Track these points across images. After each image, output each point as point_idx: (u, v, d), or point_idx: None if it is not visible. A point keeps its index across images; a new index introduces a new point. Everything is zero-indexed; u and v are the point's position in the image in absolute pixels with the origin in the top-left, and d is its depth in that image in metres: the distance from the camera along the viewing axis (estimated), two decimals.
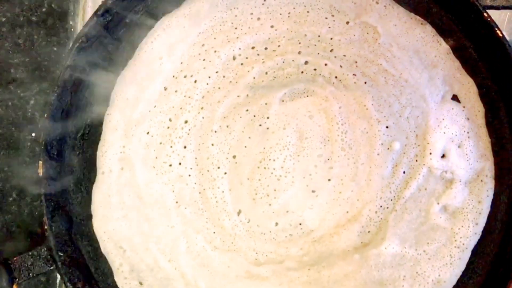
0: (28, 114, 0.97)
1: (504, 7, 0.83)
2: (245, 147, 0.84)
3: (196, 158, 0.84)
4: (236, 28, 0.86)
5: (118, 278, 0.85)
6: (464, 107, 0.84)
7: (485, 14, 0.80)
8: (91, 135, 0.87)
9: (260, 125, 0.84)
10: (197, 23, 0.87)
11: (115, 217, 0.85)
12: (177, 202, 0.84)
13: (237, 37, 0.86)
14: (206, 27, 0.87)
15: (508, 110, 0.84)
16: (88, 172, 0.87)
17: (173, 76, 0.86)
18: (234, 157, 0.84)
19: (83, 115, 0.87)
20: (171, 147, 0.85)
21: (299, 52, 0.85)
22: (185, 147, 0.85)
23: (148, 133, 0.85)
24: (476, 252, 0.83)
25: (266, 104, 0.84)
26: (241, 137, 0.84)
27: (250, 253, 0.83)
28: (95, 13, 0.83)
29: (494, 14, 0.81)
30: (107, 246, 0.85)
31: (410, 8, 0.87)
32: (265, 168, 0.83)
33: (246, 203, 0.84)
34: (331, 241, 0.82)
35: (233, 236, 0.83)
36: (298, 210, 0.83)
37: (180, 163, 0.85)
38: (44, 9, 0.98)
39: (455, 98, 0.84)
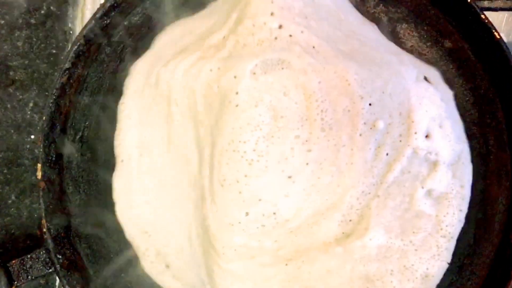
0: (27, 117, 0.97)
1: (502, 9, 0.85)
2: (219, 127, 0.78)
3: (196, 139, 0.81)
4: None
5: (145, 263, 0.85)
6: (436, 88, 0.82)
7: (482, 16, 0.80)
8: (90, 137, 0.88)
9: (230, 101, 0.76)
10: (209, 19, 0.86)
11: (137, 203, 0.84)
12: (189, 187, 0.83)
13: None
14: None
15: (506, 112, 0.84)
16: (86, 174, 0.88)
17: (167, 61, 0.84)
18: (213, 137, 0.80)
19: (82, 118, 0.87)
20: (176, 130, 0.83)
21: (272, 14, 0.78)
22: (183, 131, 0.83)
23: (159, 118, 0.84)
24: (474, 253, 0.84)
25: (235, 77, 0.76)
26: (218, 116, 0.78)
27: (218, 247, 0.78)
28: (93, 16, 0.83)
29: (491, 15, 0.81)
30: (132, 232, 0.85)
31: (408, 11, 0.87)
32: (234, 151, 0.76)
33: (215, 190, 0.78)
34: (310, 232, 0.77)
35: (206, 227, 0.79)
36: (272, 198, 0.76)
37: (185, 146, 0.82)
38: (43, 12, 0.99)
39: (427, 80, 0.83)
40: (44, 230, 0.81)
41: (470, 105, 0.86)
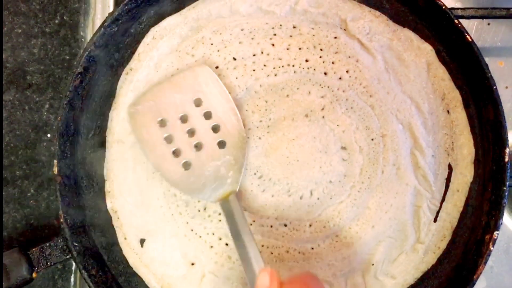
0: (44, 117, 0.96)
1: (473, 17, 0.84)
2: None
3: None
4: None
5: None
6: None
7: (456, 21, 0.80)
8: (101, 135, 0.87)
9: None
10: None
11: None
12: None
13: None
14: None
15: (477, 107, 0.83)
16: (100, 169, 0.86)
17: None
18: None
19: (93, 117, 0.87)
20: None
21: None
22: None
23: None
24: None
25: None
26: None
27: None
28: (102, 25, 0.83)
29: (463, 23, 0.81)
30: None
31: (389, 16, 0.86)
32: None
33: None
34: None
35: None
36: None
37: None
38: (56, 21, 0.98)
39: None
40: (61, 220, 0.81)
41: None
